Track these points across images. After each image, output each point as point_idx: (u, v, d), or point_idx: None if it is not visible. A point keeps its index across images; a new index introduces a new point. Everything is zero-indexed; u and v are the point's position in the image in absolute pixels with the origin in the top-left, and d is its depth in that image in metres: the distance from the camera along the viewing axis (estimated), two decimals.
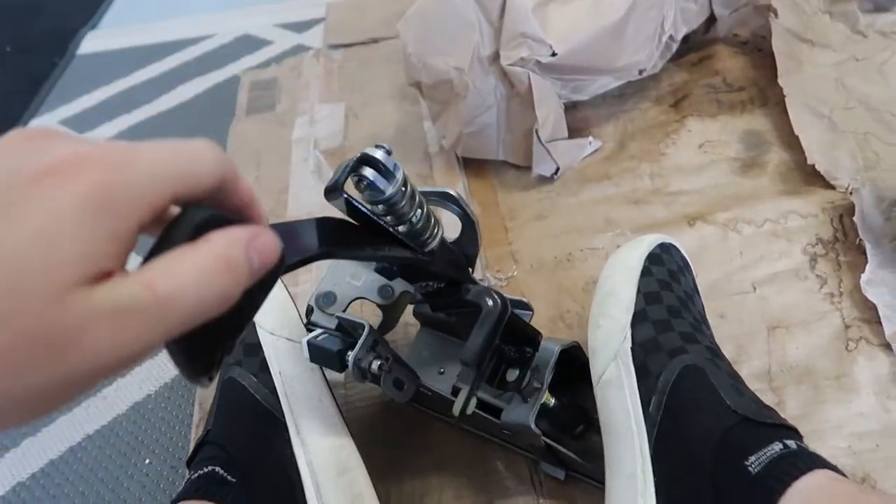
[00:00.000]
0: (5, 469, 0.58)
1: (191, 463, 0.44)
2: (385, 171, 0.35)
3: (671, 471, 0.38)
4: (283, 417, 0.45)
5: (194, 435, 0.57)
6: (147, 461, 0.57)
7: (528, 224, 0.69)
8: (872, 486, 0.46)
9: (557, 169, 0.71)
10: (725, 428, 0.37)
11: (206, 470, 0.41)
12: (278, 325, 0.49)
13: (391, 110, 0.87)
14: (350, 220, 0.35)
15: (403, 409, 0.55)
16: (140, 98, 1.02)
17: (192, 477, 0.41)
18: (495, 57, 0.67)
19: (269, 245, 0.24)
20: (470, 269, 0.46)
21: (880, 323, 0.53)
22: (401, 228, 0.37)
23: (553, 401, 0.44)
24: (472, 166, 0.76)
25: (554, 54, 0.65)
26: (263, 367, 0.47)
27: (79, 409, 0.61)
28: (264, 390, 0.46)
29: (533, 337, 0.47)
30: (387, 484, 0.50)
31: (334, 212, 0.35)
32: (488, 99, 0.69)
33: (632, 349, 0.44)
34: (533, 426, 0.42)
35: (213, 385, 0.59)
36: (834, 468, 0.35)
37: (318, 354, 0.44)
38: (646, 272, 0.48)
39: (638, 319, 0.45)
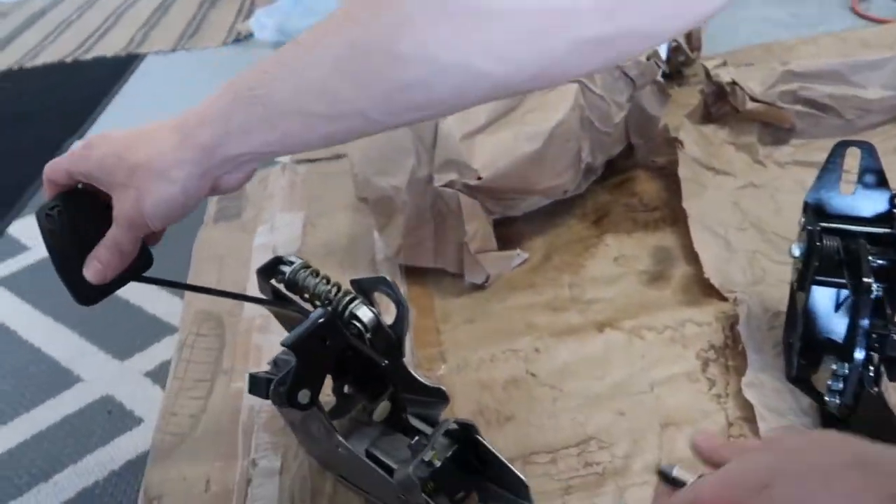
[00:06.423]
0: None
1: None
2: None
3: None
4: None
5: None
6: None
7: (459, 327, 0.76)
8: None
9: (488, 277, 0.79)
10: None
11: None
12: None
13: (345, 221, 0.96)
14: None
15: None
16: None
17: None
18: (430, 178, 0.77)
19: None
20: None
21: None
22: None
23: (438, 462, 0.50)
24: (415, 273, 0.83)
25: (479, 178, 0.74)
26: None
27: (28, 495, 0.65)
28: None
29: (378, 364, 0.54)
30: None
31: None
32: (425, 215, 0.78)
33: None
34: (412, 473, 0.48)
35: (161, 480, 0.64)
36: None
37: (253, 384, 0.53)
38: None
39: None
